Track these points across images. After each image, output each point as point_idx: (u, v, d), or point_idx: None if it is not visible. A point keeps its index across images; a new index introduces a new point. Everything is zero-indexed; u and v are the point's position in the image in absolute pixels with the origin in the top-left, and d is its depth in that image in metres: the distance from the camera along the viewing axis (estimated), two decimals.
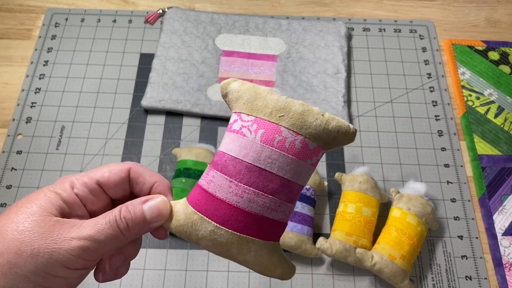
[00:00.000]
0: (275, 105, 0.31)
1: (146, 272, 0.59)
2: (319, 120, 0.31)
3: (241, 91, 0.33)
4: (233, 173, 0.31)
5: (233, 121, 0.33)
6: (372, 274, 0.60)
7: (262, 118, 0.31)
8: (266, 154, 0.31)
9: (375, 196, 0.60)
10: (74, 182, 0.32)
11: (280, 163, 0.31)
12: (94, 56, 0.77)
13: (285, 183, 0.31)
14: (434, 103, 0.74)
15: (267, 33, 0.78)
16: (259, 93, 0.32)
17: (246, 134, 0.31)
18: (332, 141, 0.32)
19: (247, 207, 0.31)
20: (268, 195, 0.31)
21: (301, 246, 0.58)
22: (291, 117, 0.31)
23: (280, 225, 0.33)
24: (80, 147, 0.68)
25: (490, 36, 0.81)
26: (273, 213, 0.31)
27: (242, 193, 0.31)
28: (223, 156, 0.32)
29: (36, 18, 0.81)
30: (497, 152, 0.69)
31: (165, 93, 0.71)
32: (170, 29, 0.77)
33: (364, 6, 0.84)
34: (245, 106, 0.32)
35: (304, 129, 0.31)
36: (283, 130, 0.31)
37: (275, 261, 0.33)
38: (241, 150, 0.31)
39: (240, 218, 0.31)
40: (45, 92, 0.73)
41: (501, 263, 0.61)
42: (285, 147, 0.31)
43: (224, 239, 0.31)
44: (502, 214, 0.65)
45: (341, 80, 0.73)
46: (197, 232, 0.31)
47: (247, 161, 0.31)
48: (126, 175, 0.33)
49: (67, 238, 0.28)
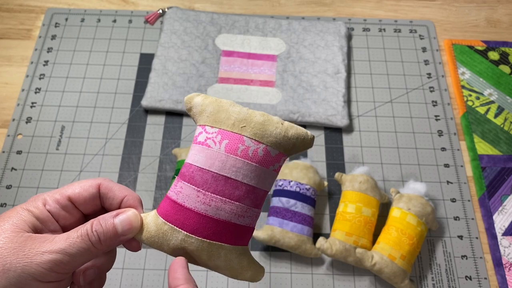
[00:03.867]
0: (237, 116, 0.33)
1: (146, 272, 0.59)
2: (279, 129, 0.33)
3: (204, 104, 0.34)
4: (200, 183, 0.32)
5: (198, 133, 0.34)
6: (372, 274, 0.60)
7: (226, 130, 0.33)
8: (230, 163, 0.32)
9: (375, 196, 0.60)
10: (46, 199, 0.33)
11: (245, 171, 0.32)
12: (94, 56, 0.77)
13: (250, 189, 0.33)
14: (434, 103, 0.74)
15: (267, 33, 0.78)
16: (222, 106, 0.34)
17: (211, 145, 0.33)
18: (292, 148, 0.34)
19: (215, 214, 0.32)
20: (234, 202, 0.32)
21: (301, 246, 0.58)
22: (253, 127, 0.33)
23: (247, 229, 0.34)
24: (80, 147, 0.68)
25: (490, 36, 0.81)
26: (240, 218, 0.33)
27: (210, 202, 0.32)
28: (190, 168, 0.33)
29: (36, 18, 0.81)
30: (497, 152, 0.69)
31: (165, 93, 0.71)
32: (170, 29, 0.77)
33: (364, 6, 0.84)
34: (208, 119, 0.34)
35: (266, 137, 0.33)
36: (246, 140, 0.33)
37: (244, 264, 0.34)
38: (207, 160, 0.33)
39: (209, 226, 0.32)
40: (45, 92, 0.73)
41: (501, 263, 0.61)
42: (248, 155, 0.33)
43: (194, 246, 0.32)
44: (502, 214, 0.65)
45: (341, 80, 0.73)
46: (168, 242, 0.33)
47: (213, 171, 0.32)
48: (97, 191, 0.34)
49: (38, 252, 0.29)
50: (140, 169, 0.67)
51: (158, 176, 0.66)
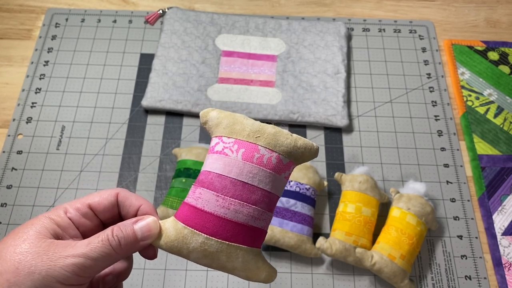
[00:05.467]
0: (252, 128, 0.36)
1: (146, 272, 0.59)
2: (289, 139, 0.37)
3: (220, 118, 0.38)
4: (219, 188, 0.35)
5: (215, 143, 0.37)
6: (372, 273, 0.60)
7: (242, 139, 0.36)
8: (247, 169, 0.35)
9: (375, 196, 0.60)
10: (67, 208, 0.35)
11: (260, 177, 0.35)
12: (95, 56, 0.77)
13: (265, 194, 0.36)
14: (433, 103, 0.74)
15: (267, 33, 0.78)
16: (236, 119, 0.37)
17: (229, 153, 0.36)
18: (301, 157, 0.37)
19: (234, 217, 0.35)
20: (251, 205, 0.35)
21: (301, 246, 0.58)
22: (266, 138, 0.36)
23: (262, 232, 0.37)
24: (81, 147, 0.68)
25: (489, 36, 0.81)
26: (256, 221, 0.36)
27: (229, 205, 0.35)
28: (209, 175, 0.36)
29: (36, 18, 0.81)
30: (497, 152, 0.70)
31: (165, 93, 0.71)
32: (170, 29, 0.77)
33: (364, 6, 0.85)
34: (225, 130, 0.37)
35: (278, 147, 0.36)
36: (261, 149, 0.36)
37: (260, 265, 0.36)
38: (225, 167, 0.35)
39: (228, 228, 0.35)
40: (46, 92, 0.73)
41: (500, 263, 0.61)
42: (263, 162, 0.36)
43: (214, 248, 0.35)
44: (502, 214, 0.65)
45: (341, 80, 0.73)
46: (188, 245, 0.35)
47: (231, 177, 0.35)
48: (115, 199, 0.37)
49: (62, 256, 0.31)
50: (140, 169, 0.67)
51: (158, 176, 0.66)
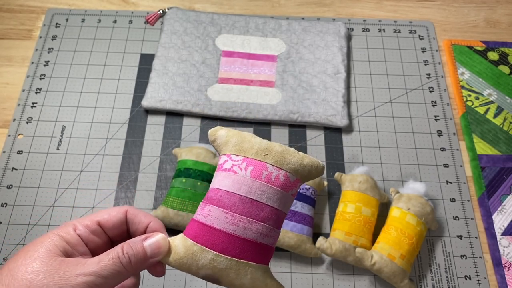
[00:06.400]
0: (260, 146, 0.37)
1: (146, 272, 0.59)
2: (296, 157, 0.37)
3: (229, 136, 0.38)
4: (228, 205, 0.35)
5: (224, 161, 0.37)
6: (371, 273, 0.60)
7: (250, 157, 0.36)
8: (256, 187, 0.35)
9: (375, 196, 0.61)
10: (76, 225, 0.36)
11: (269, 194, 0.36)
12: (95, 56, 0.77)
13: (273, 211, 0.36)
14: (433, 103, 0.74)
15: (267, 33, 0.78)
16: (245, 137, 0.38)
17: (237, 171, 0.36)
18: (308, 174, 0.38)
19: (243, 234, 0.35)
20: (260, 222, 0.35)
21: (301, 246, 0.58)
22: (274, 156, 0.36)
23: (270, 249, 0.37)
24: (81, 147, 0.68)
25: (489, 37, 0.81)
26: (265, 238, 0.36)
27: (238, 222, 0.35)
28: (218, 192, 0.36)
29: (36, 18, 0.81)
30: (497, 152, 0.70)
31: (166, 93, 0.71)
32: (170, 29, 0.77)
33: (364, 6, 0.85)
34: (233, 148, 0.37)
35: (285, 164, 0.37)
36: (269, 166, 0.36)
37: (268, 282, 0.36)
38: (234, 185, 0.36)
39: (237, 245, 0.35)
40: (46, 92, 0.73)
41: (500, 263, 0.61)
42: (271, 180, 0.36)
43: (223, 265, 0.35)
44: (502, 214, 0.65)
45: (340, 80, 0.73)
46: (197, 262, 0.35)
47: (240, 194, 0.35)
48: (124, 216, 0.37)
49: (73, 274, 0.31)
50: (141, 169, 0.67)
51: (158, 176, 0.66)
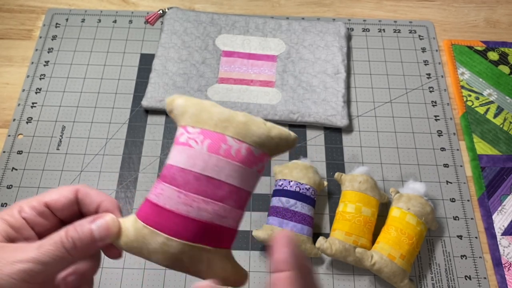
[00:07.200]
0: (220, 116, 0.33)
1: (146, 272, 0.59)
2: (262, 129, 0.33)
3: (187, 106, 0.34)
4: (181, 183, 0.32)
5: (180, 134, 0.34)
6: (371, 273, 0.60)
7: (208, 129, 0.32)
8: (213, 162, 0.32)
9: (375, 196, 0.61)
10: (22, 207, 0.32)
11: (227, 171, 0.32)
12: (95, 56, 0.77)
13: (233, 189, 0.32)
14: (433, 103, 0.74)
15: (267, 33, 0.78)
16: (204, 107, 0.33)
17: (193, 145, 0.32)
18: (276, 147, 0.34)
19: (197, 215, 0.31)
20: (217, 202, 0.32)
21: (300, 246, 0.58)
22: (235, 127, 0.32)
23: (230, 232, 0.33)
24: (81, 147, 0.68)
25: (489, 37, 0.81)
26: (223, 219, 0.32)
27: (192, 202, 0.31)
28: (171, 168, 0.32)
29: (36, 18, 0.81)
30: (497, 152, 0.70)
31: (166, 93, 0.71)
32: (170, 29, 0.77)
33: (364, 6, 0.85)
34: (190, 120, 0.33)
35: (249, 137, 0.32)
36: (228, 139, 0.32)
37: (228, 268, 0.33)
38: (188, 160, 0.32)
39: (191, 227, 0.31)
40: (46, 92, 0.73)
41: (500, 263, 0.61)
42: (231, 155, 0.32)
43: (175, 250, 0.31)
44: (502, 214, 0.65)
45: (340, 80, 0.73)
46: (147, 246, 0.32)
47: (195, 171, 0.32)
48: (74, 196, 0.33)
49: (9, 262, 0.28)
50: (141, 169, 0.67)
51: (158, 176, 0.66)
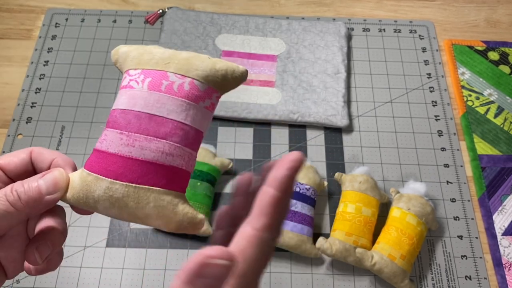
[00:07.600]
0: (161, 56, 0.32)
1: (146, 272, 0.59)
2: (205, 62, 0.32)
3: (129, 51, 0.34)
4: (123, 125, 0.31)
5: (123, 79, 0.33)
6: (372, 274, 0.60)
7: (149, 69, 0.32)
8: (154, 99, 0.31)
9: (375, 196, 0.60)
10: None
11: (170, 106, 0.31)
12: (95, 56, 0.77)
13: (178, 125, 0.31)
14: (434, 103, 0.74)
15: (267, 33, 0.78)
16: (146, 49, 0.33)
17: (134, 85, 0.32)
18: (222, 81, 0.32)
19: (140, 155, 0.30)
20: (160, 139, 0.31)
21: (301, 246, 0.58)
22: (178, 63, 0.32)
23: (180, 172, 0.32)
24: (81, 147, 0.68)
25: (490, 36, 0.81)
26: (169, 157, 0.31)
27: (133, 142, 0.30)
28: (114, 112, 0.32)
29: (36, 18, 0.81)
30: (497, 152, 0.69)
31: None
32: (170, 29, 0.77)
33: (364, 6, 0.85)
34: (132, 62, 0.33)
35: (192, 71, 0.32)
36: (170, 75, 0.31)
37: (178, 211, 0.31)
38: (129, 101, 0.31)
39: (134, 168, 0.30)
40: (46, 92, 0.73)
41: (500, 263, 0.61)
42: (173, 90, 0.31)
43: (119, 193, 0.30)
44: (502, 214, 0.65)
45: (341, 80, 0.73)
46: (93, 194, 0.31)
47: (135, 110, 0.31)
48: (27, 156, 0.33)
49: None
50: None
51: None
